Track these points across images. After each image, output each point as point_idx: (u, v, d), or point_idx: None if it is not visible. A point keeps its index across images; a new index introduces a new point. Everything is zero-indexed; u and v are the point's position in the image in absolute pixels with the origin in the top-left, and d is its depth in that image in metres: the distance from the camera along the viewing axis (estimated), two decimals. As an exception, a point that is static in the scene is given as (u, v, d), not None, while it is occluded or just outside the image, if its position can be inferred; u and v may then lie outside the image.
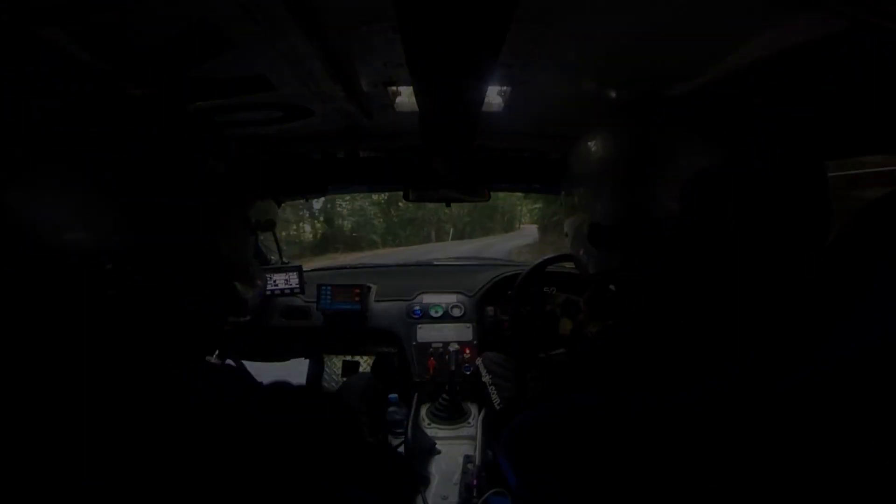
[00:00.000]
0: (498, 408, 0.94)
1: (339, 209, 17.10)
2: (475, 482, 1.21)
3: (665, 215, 0.54)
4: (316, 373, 1.94)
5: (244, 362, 1.45)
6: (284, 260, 1.86)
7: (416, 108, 0.82)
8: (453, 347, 1.55)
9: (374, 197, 16.56)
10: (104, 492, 0.40)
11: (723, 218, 0.51)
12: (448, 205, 1.62)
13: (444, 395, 1.52)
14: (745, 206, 0.50)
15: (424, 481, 1.28)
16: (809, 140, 0.61)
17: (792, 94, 0.75)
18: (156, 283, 0.52)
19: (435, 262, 2.47)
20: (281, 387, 0.61)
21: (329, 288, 1.72)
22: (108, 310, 0.48)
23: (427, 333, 1.69)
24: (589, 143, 0.64)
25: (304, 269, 1.74)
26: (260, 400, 0.56)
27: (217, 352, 1.32)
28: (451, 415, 1.48)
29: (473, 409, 1.52)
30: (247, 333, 1.68)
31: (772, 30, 0.57)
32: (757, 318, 0.47)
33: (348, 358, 1.94)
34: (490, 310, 1.69)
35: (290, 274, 1.68)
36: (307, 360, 1.43)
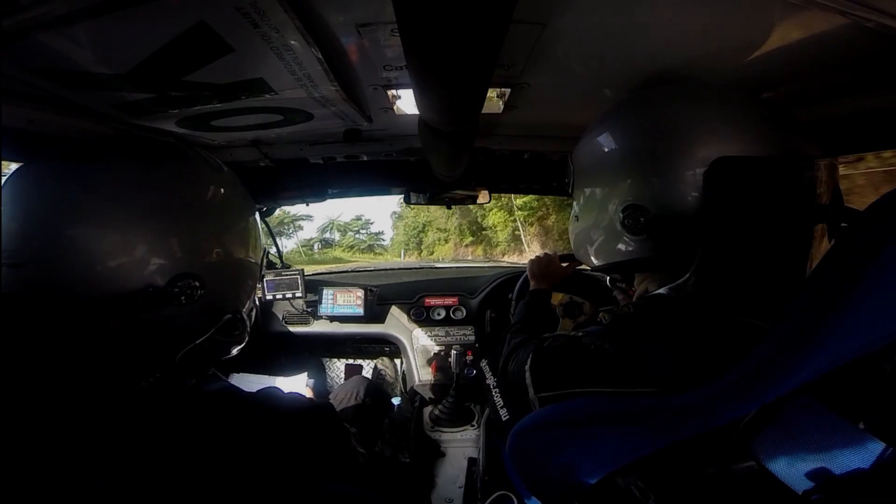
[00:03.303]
0: (504, 418, 0.95)
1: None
2: (479, 485, 1.20)
3: (691, 197, 0.56)
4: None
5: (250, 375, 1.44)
6: (285, 263, 1.86)
7: (415, 110, 0.82)
8: (455, 350, 1.55)
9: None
10: (107, 491, 0.40)
11: (739, 203, 0.52)
12: (449, 207, 1.62)
13: (448, 399, 1.51)
14: (757, 192, 0.51)
15: (429, 484, 1.28)
16: (818, 134, 0.62)
17: (797, 90, 0.75)
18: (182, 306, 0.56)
19: (436, 265, 2.46)
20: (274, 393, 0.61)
21: (330, 291, 1.72)
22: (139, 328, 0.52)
23: (429, 336, 1.69)
24: (616, 126, 0.65)
25: (306, 272, 1.74)
26: (249, 397, 0.56)
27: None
28: (455, 418, 1.48)
29: (477, 411, 1.52)
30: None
31: (775, 26, 0.57)
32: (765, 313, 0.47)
33: (350, 361, 1.93)
34: (491, 312, 1.68)
35: (292, 278, 1.68)
36: (303, 375, 1.45)
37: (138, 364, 0.52)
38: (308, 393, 1.37)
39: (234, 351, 0.69)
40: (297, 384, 1.41)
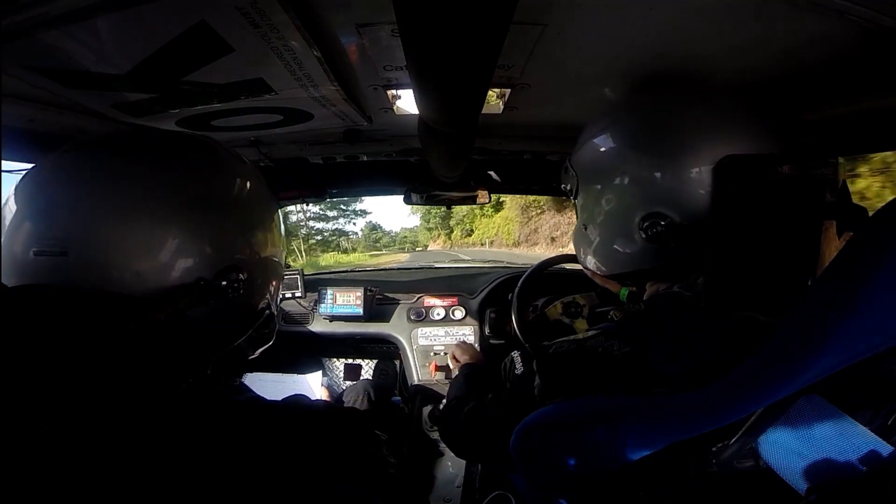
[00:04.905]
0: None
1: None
2: (477, 484, 1.20)
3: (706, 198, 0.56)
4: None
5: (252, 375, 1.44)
6: (285, 263, 1.86)
7: (415, 110, 0.82)
8: (455, 350, 1.54)
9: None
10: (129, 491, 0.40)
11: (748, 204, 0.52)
12: (449, 207, 1.62)
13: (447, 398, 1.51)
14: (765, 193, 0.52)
15: (427, 484, 1.28)
16: (821, 135, 0.62)
17: (798, 92, 0.75)
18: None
19: (435, 265, 2.46)
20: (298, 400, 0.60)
21: (330, 291, 1.72)
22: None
23: (429, 336, 1.69)
24: (625, 128, 0.65)
25: (305, 273, 1.74)
26: (278, 406, 0.56)
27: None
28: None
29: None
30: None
31: (776, 28, 0.58)
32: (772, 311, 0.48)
33: (349, 361, 1.93)
34: (491, 312, 1.69)
35: (291, 277, 1.68)
36: (318, 374, 1.45)
37: (177, 366, 0.51)
38: (324, 393, 1.38)
39: (258, 352, 0.68)
40: (312, 383, 1.41)
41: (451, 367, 1.16)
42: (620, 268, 0.67)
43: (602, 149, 0.66)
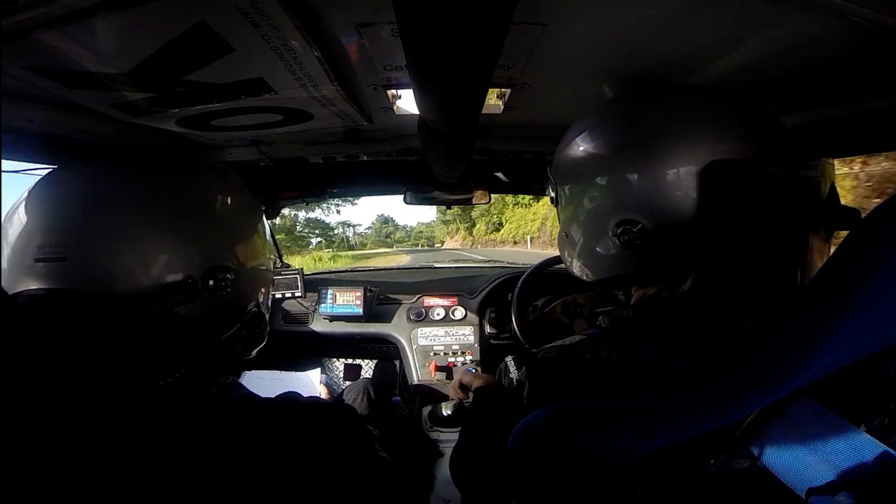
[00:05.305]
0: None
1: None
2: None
3: (688, 204, 0.55)
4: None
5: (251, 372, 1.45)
6: (285, 263, 1.86)
7: (415, 110, 0.82)
8: (455, 349, 1.55)
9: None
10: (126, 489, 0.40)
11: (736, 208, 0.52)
12: (448, 207, 1.62)
13: (448, 398, 1.51)
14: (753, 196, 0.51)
15: (427, 484, 1.28)
16: (813, 137, 0.62)
17: (795, 92, 0.75)
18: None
19: (436, 265, 2.47)
20: (292, 397, 0.62)
21: (330, 291, 1.72)
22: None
23: (428, 336, 1.69)
24: (598, 133, 0.64)
25: (305, 272, 1.74)
26: (271, 404, 0.57)
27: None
28: (454, 417, 1.48)
29: (476, 411, 1.52)
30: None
31: (770, 28, 0.58)
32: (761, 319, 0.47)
33: (349, 361, 1.93)
34: (491, 312, 1.69)
35: (291, 277, 1.68)
36: (317, 371, 1.45)
37: (165, 359, 0.55)
38: (323, 391, 1.38)
39: (254, 352, 0.71)
40: (311, 380, 1.41)
41: (456, 395, 1.06)
42: (602, 273, 0.67)
43: (576, 155, 0.66)
